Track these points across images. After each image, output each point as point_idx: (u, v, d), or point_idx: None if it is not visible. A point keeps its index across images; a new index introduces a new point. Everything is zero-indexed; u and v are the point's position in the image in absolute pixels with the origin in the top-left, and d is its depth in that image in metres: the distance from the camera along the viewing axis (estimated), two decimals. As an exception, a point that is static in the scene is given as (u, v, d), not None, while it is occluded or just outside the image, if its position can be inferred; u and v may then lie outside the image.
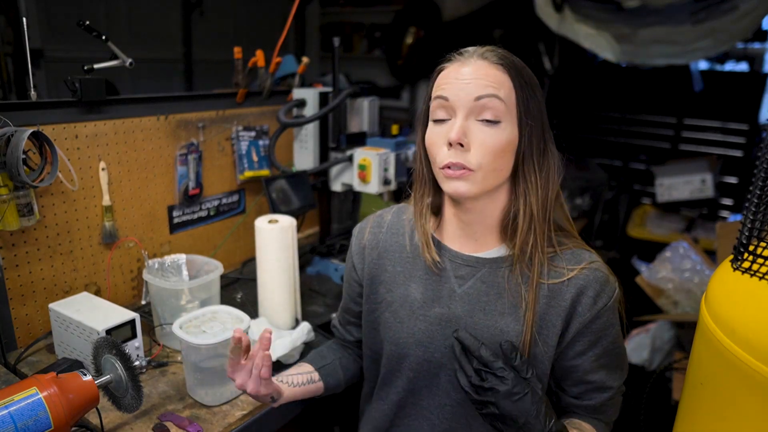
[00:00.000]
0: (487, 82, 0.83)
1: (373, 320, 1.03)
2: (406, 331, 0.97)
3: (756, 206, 0.72)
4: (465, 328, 0.91)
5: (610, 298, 0.89)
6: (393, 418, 1.04)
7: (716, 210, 2.99)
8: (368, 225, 1.08)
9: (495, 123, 0.83)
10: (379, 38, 4.29)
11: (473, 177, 0.84)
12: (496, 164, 0.84)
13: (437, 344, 0.94)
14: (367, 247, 1.05)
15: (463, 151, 0.83)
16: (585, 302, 0.88)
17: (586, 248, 0.93)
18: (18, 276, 1.30)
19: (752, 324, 0.67)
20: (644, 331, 2.36)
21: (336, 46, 1.70)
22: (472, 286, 0.93)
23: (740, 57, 2.99)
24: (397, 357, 0.99)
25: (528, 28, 3.17)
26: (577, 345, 0.91)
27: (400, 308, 0.98)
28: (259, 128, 1.85)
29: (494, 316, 0.91)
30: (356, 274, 1.07)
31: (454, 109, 0.85)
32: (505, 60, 0.85)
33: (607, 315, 0.89)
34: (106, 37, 1.38)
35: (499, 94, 0.83)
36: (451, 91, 0.85)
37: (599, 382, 0.93)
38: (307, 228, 2.13)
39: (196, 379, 1.15)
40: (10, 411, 0.83)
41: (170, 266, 1.44)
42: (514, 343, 0.88)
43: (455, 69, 0.86)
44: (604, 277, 0.89)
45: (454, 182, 0.85)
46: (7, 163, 1.15)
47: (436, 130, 0.87)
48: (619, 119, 3.23)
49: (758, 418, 0.66)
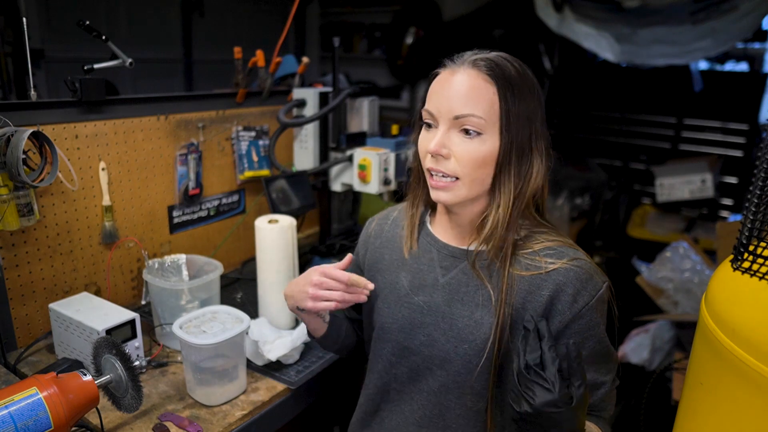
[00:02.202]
0: (467, 99, 0.85)
1: (369, 307, 1.07)
2: (391, 317, 1.00)
3: (756, 206, 0.72)
4: (443, 317, 0.94)
5: (593, 297, 0.87)
6: (379, 402, 1.06)
7: (716, 210, 2.98)
8: (377, 216, 1.15)
9: (477, 135, 0.86)
10: (379, 38, 4.29)
11: (455, 187, 0.89)
12: (476, 174, 0.87)
13: (417, 331, 0.97)
14: (372, 235, 1.12)
15: (444, 160, 0.88)
16: (564, 300, 0.87)
17: (573, 246, 0.93)
18: (18, 276, 1.30)
19: (752, 324, 0.67)
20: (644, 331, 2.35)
21: (336, 46, 1.70)
22: (454, 277, 0.96)
23: (740, 57, 2.99)
24: (381, 342, 1.03)
25: (528, 28, 3.17)
26: (560, 347, 0.87)
27: (390, 294, 1.02)
28: (259, 128, 1.85)
29: (471, 306, 0.93)
30: (359, 259, 1.14)
31: (437, 121, 0.89)
32: (495, 69, 0.86)
33: (590, 315, 0.88)
34: (106, 37, 1.38)
35: (476, 113, 0.85)
36: (435, 105, 0.89)
37: (591, 381, 0.91)
38: (307, 228, 2.13)
39: (196, 379, 1.15)
40: (10, 411, 0.83)
41: (170, 266, 1.44)
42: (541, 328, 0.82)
43: (444, 78, 0.89)
44: (585, 275, 0.87)
45: (439, 192, 0.90)
46: (7, 163, 1.15)
47: (424, 135, 0.92)
48: (619, 119, 3.23)
49: (758, 418, 0.66)
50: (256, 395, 1.20)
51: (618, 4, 2.52)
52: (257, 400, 1.18)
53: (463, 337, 0.92)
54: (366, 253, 1.11)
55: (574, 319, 0.87)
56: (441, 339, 0.94)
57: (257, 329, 1.27)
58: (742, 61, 3.00)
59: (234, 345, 1.17)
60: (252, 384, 1.23)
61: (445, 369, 0.94)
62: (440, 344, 0.94)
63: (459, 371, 0.93)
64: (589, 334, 0.89)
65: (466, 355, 0.92)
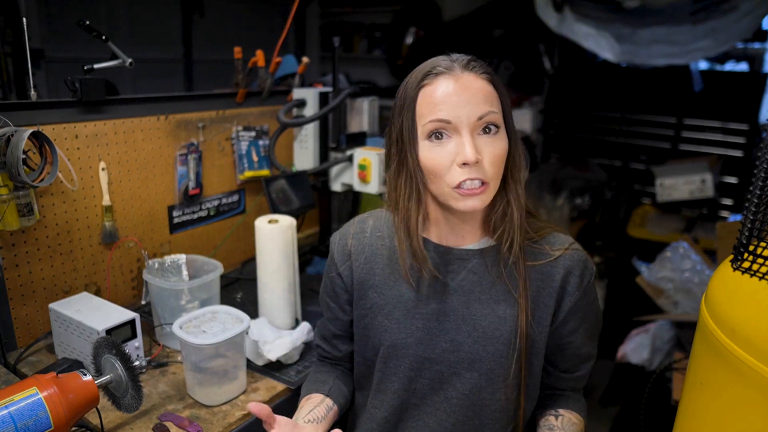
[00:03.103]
0: (482, 98, 0.85)
1: (363, 327, 1.02)
2: (405, 331, 0.97)
3: (756, 206, 0.72)
4: (464, 320, 0.95)
5: (592, 275, 0.97)
6: (396, 422, 1.02)
7: (716, 210, 2.98)
8: (350, 232, 1.05)
9: (496, 131, 0.87)
10: (379, 38, 4.29)
11: (488, 190, 0.86)
12: (500, 171, 0.88)
13: (437, 339, 0.96)
14: (353, 252, 1.02)
15: (479, 166, 0.84)
16: (573, 282, 0.94)
17: (561, 231, 1.00)
18: (18, 276, 1.30)
19: (752, 324, 0.67)
20: (644, 331, 2.35)
21: (336, 46, 1.71)
22: (464, 278, 0.95)
23: (740, 57, 2.99)
24: (395, 359, 0.99)
25: (528, 28, 3.17)
26: (570, 323, 0.97)
27: (394, 310, 0.98)
28: (259, 128, 1.85)
29: (490, 304, 0.94)
30: (342, 281, 1.03)
31: (457, 129, 0.84)
32: (486, 68, 0.89)
33: (591, 291, 0.98)
34: (106, 37, 1.38)
35: (494, 109, 0.86)
36: (452, 113, 0.84)
37: (587, 353, 1.01)
38: (307, 228, 2.13)
39: (196, 379, 1.15)
40: (10, 411, 0.83)
41: (170, 266, 1.44)
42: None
43: (449, 85, 0.85)
44: (584, 257, 0.97)
45: (470, 200, 0.84)
46: (7, 163, 1.15)
47: (439, 151, 0.85)
48: (619, 119, 3.22)
49: (758, 418, 0.65)
50: (256, 395, 1.20)
51: (618, 4, 2.52)
52: (257, 400, 1.18)
53: (490, 334, 0.93)
54: (352, 273, 1.02)
55: (581, 297, 0.96)
56: (467, 341, 0.94)
57: (257, 329, 1.27)
58: (742, 61, 3.00)
59: (234, 345, 1.17)
60: (252, 384, 1.23)
61: (476, 370, 0.94)
62: (467, 346, 0.94)
63: (492, 368, 0.94)
64: (589, 310, 0.98)
65: (497, 351, 0.93)
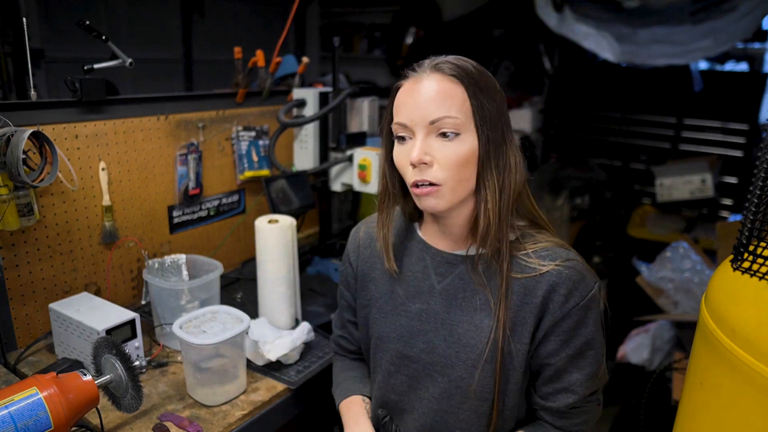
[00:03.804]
0: (439, 102, 0.84)
1: (363, 317, 1.07)
2: (389, 326, 1.00)
3: (756, 206, 0.72)
4: (442, 324, 0.94)
5: (584, 298, 0.88)
6: (381, 416, 1.05)
7: (716, 210, 2.98)
8: (364, 224, 1.12)
9: (455, 136, 0.85)
10: (379, 38, 4.29)
11: (441, 192, 0.86)
12: (460, 175, 0.86)
13: (416, 339, 0.97)
14: (362, 245, 1.09)
15: (428, 167, 0.86)
16: (556, 299, 0.88)
17: (565, 246, 0.93)
18: (18, 276, 1.30)
19: (752, 324, 0.67)
20: (644, 331, 2.35)
21: (336, 46, 1.71)
22: (450, 283, 0.95)
23: (740, 57, 2.99)
24: (379, 352, 1.02)
25: (528, 28, 3.17)
26: (549, 343, 0.90)
27: (386, 304, 1.02)
28: (259, 128, 1.85)
29: (469, 311, 0.93)
30: (352, 270, 1.10)
31: (413, 131, 0.87)
32: (459, 70, 0.86)
33: (579, 314, 0.88)
34: (106, 37, 1.38)
35: (451, 114, 0.84)
36: (407, 116, 0.87)
37: (567, 384, 0.92)
38: (307, 228, 2.13)
39: (196, 379, 1.15)
40: (10, 411, 0.83)
41: (170, 266, 1.44)
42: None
43: (409, 88, 0.87)
44: (578, 276, 0.88)
45: (424, 199, 0.88)
46: (7, 163, 1.15)
47: (400, 150, 0.90)
48: (619, 119, 3.23)
49: (758, 418, 0.65)
50: (256, 395, 1.20)
51: (618, 4, 2.52)
52: (257, 400, 1.18)
53: (464, 342, 0.92)
54: (357, 262, 1.09)
55: (563, 318, 0.88)
56: (441, 345, 0.95)
57: (257, 329, 1.27)
58: (742, 61, 3.00)
59: (234, 345, 1.17)
60: (252, 384, 1.23)
61: (447, 375, 0.94)
62: (441, 350, 0.95)
63: (461, 376, 0.93)
64: (576, 333, 0.89)
65: (468, 359, 0.92)
